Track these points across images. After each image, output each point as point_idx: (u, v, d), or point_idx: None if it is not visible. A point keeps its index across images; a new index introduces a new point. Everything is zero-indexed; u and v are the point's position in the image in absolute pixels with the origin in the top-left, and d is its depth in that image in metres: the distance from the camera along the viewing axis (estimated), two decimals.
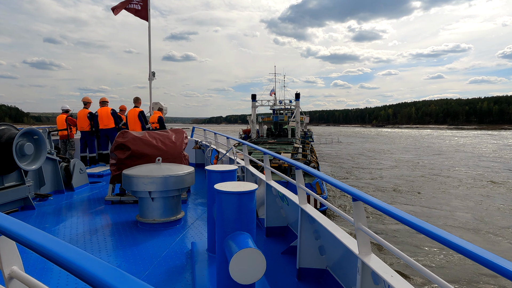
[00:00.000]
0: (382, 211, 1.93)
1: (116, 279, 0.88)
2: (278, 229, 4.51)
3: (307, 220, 3.30)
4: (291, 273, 3.38)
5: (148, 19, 11.02)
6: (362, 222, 2.23)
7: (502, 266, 1.17)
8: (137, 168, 4.83)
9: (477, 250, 1.30)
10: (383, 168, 27.99)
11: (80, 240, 4.24)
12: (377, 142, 62.51)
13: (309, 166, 3.70)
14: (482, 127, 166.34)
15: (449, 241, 1.42)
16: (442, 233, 1.49)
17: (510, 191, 19.03)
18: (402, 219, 1.75)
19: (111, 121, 9.82)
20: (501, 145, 52.69)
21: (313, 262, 3.26)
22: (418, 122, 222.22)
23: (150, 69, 11.41)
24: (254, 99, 35.01)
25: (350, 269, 2.62)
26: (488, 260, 1.22)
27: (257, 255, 2.23)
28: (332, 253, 3.08)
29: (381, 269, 2.06)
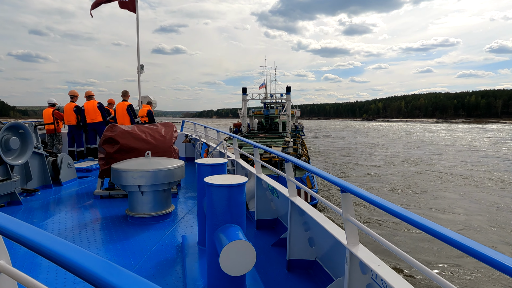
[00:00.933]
0: (370, 202, 1.95)
1: (106, 271, 0.87)
2: (268, 222, 4.54)
3: (296, 213, 3.33)
4: (281, 264, 3.41)
5: (136, 11, 10.83)
6: (350, 213, 2.25)
7: (482, 252, 1.20)
8: (126, 162, 4.79)
9: (460, 238, 1.33)
10: (378, 164, 26.86)
11: (69, 235, 4.20)
12: (369, 136, 62.27)
13: (299, 160, 3.72)
14: (470, 121, 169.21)
15: (433, 229, 1.44)
16: (426, 222, 1.52)
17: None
18: (389, 209, 1.77)
19: (98, 115, 9.68)
20: (494, 139, 52.84)
21: (303, 253, 3.29)
22: (407, 115, 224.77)
23: (139, 62, 11.25)
24: (244, 92, 34.88)
25: (338, 260, 2.66)
26: (469, 247, 1.25)
27: (247, 247, 2.24)
28: (321, 244, 3.11)
29: (369, 258, 2.09)
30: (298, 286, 3.04)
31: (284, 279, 3.17)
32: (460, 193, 16.91)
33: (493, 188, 18.11)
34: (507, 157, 30.78)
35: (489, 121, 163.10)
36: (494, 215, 13.35)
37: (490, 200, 15.66)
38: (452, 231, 1.40)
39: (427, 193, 16.84)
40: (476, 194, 16.67)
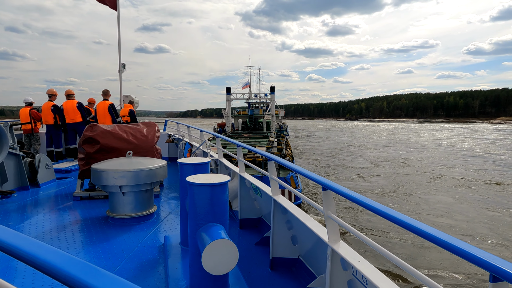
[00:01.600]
0: (351, 199, 1.97)
1: (85, 273, 0.83)
2: (252, 221, 4.53)
3: (280, 211, 3.34)
4: (264, 263, 3.41)
5: (117, 8, 10.63)
6: (331, 210, 2.27)
7: (456, 246, 1.24)
8: (107, 162, 4.69)
9: (436, 232, 1.36)
10: (365, 166, 25.98)
11: (47, 237, 4.08)
12: (354, 136, 62.24)
13: (282, 159, 3.73)
14: (449, 120, 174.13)
15: (410, 224, 1.47)
16: (403, 217, 1.54)
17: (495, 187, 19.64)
18: (369, 206, 1.79)
19: (77, 115, 9.45)
20: (476, 139, 53.37)
21: (286, 251, 3.30)
22: (389, 115, 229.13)
23: (120, 61, 11.04)
24: (228, 92, 34.75)
25: (321, 257, 2.68)
26: (444, 241, 1.29)
27: (230, 246, 2.22)
28: (304, 242, 3.13)
29: (349, 255, 2.11)
30: (281, 284, 3.05)
31: (267, 277, 3.17)
32: (448, 192, 17.23)
33: (479, 186, 18.57)
34: (491, 156, 31.34)
35: (467, 120, 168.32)
36: (475, 211, 13.77)
37: (474, 197, 16.11)
38: (428, 225, 1.43)
39: (414, 193, 17.04)
40: (461, 192, 17.12)
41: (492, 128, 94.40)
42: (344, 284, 2.22)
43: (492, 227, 11.98)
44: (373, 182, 19.67)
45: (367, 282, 1.89)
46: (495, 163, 26.81)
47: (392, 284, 1.77)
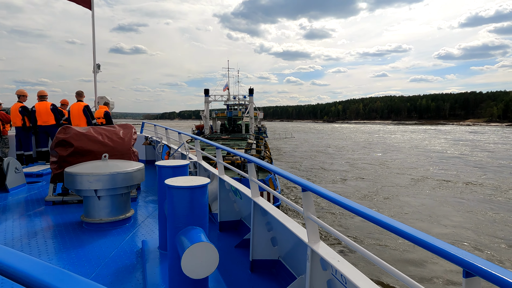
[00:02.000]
0: (330, 200, 2.00)
1: (57, 279, 0.80)
2: (231, 223, 4.51)
3: (259, 213, 3.34)
4: (244, 265, 3.40)
5: (91, 7, 10.35)
6: (311, 211, 2.29)
7: (431, 243, 1.28)
8: (82, 166, 4.55)
9: (412, 231, 1.40)
10: (345, 169, 25.49)
11: (17, 244, 3.90)
12: (333, 138, 62.62)
13: (262, 161, 3.74)
14: (422, 122, 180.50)
15: (388, 223, 1.51)
16: (381, 216, 1.58)
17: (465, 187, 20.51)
18: (347, 206, 1.82)
19: (51, 117, 9.11)
20: (450, 140, 54.81)
21: (266, 253, 3.30)
22: (365, 117, 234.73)
23: (95, 61, 10.75)
24: (207, 94, 34.54)
25: (300, 258, 2.70)
26: (420, 239, 1.33)
27: (210, 249, 2.20)
28: (284, 243, 3.15)
29: (329, 255, 2.13)
30: (261, 286, 3.04)
31: (247, 279, 3.16)
32: (427, 193, 17.65)
33: (457, 187, 19.11)
34: (468, 158, 32.17)
35: (439, 122, 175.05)
36: (454, 211, 14.28)
37: (452, 197, 16.64)
38: (404, 224, 1.47)
39: (395, 194, 17.26)
40: (440, 193, 17.64)
41: (463, 130, 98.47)
42: (323, 284, 2.24)
43: (469, 225, 12.47)
44: (354, 185, 19.61)
45: (346, 281, 1.92)
46: (471, 164, 27.67)
47: (370, 282, 1.81)
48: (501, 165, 27.09)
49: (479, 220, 13.03)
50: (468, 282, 1.19)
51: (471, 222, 12.73)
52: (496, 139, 57.89)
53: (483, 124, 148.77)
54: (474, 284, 1.19)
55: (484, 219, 13.19)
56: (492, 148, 41.98)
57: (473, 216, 13.48)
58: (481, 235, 11.44)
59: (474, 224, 12.50)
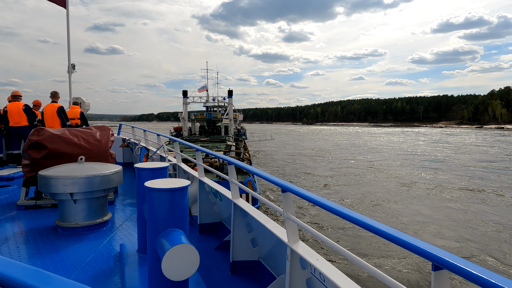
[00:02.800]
0: (309, 200, 2.05)
1: (34, 278, 0.79)
2: (211, 226, 4.51)
3: (240, 214, 3.36)
4: (224, 267, 3.41)
5: (66, 5, 10.07)
6: (290, 212, 2.33)
7: (402, 239, 1.35)
8: (56, 168, 4.42)
9: (385, 228, 1.47)
10: (329, 174, 23.93)
11: None
12: (313, 140, 61.92)
13: (242, 162, 3.76)
14: (397, 125, 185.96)
15: (363, 222, 1.57)
16: (357, 215, 1.64)
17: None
18: (326, 206, 1.88)
19: (23, 118, 8.78)
20: (429, 142, 55.26)
21: (246, 254, 3.33)
22: (343, 119, 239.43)
23: (69, 61, 10.47)
24: (185, 95, 34.13)
25: (280, 258, 2.74)
26: (392, 235, 1.41)
27: (190, 251, 2.20)
28: (264, 244, 3.18)
29: (308, 254, 2.18)
30: (242, 287, 3.06)
31: (227, 281, 3.17)
32: (412, 196, 17.54)
33: (441, 189, 19.40)
34: (449, 160, 31.79)
35: (413, 124, 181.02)
36: (437, 212, 14.76)
37: (436, 200, 16.69)
38: (378, 222, 1.54)
39: (382, 199, 16.76)
40: (424, 195, 17.79)
41: (439, 132, 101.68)
42: (303, 283, 2.29)
43: (448, 224, 12.93)
44: (338, 189, 18.92)
45: (324, 279, 1.97)
46: (454, 166, 27.43)
47: (347, 279, 1.87)
48: (488, 167, 27.19)
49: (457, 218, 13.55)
50: (436, 275, 1.26)
51: (456, 225, 13.01)
52: (473, 140, 59.02)
53: (454, 126, 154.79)
54: (442, 276, 1.26)
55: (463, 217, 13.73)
56: (473, 149, 42.61)
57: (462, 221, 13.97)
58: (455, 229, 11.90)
59: (457, 226, 12.88)
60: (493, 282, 1.01)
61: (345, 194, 17.91)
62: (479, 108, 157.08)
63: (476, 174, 23.98)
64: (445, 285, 1.27)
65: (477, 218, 13.49)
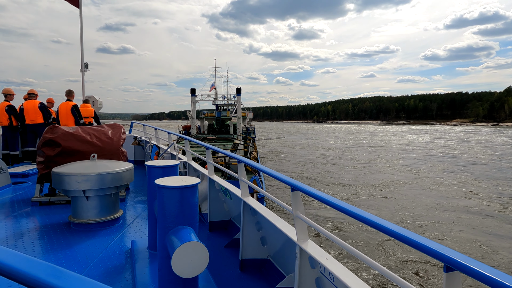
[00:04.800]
0: (319, 199, 2.03)
1: (48, 274, 0.80)
2: (221, 223, 4.53)
3: (249, 213, 3.36)
4: (234, 265, 3.42)
5: (79, 5, 10.22)
6: (300, 210, 2.32)
7: (414, 240, 1.33)
8: (70, 166, 4.50)
9: (398, 229, 1.44)
10: (359, 181, 19.91)
11: (2, 245, 3.84)
12: (329, 139, 56.56)
13: (251, 160, 3.76)
14: (410, 122, 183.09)
15: (375, 222, 1.55)
16: (369, 216, 1.62)
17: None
18: (336, 205, 1.86)
19: (39, 116, 8.97)
20: (458, 141, 50.15)
21: (255, 252, 3.33)
22: (354, 117, 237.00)
23: (83, 60, 10.63)
24: (193, 93, 34.02)
25: (289, 256, 2.73)
26: (404, 236, 1.39)
27: (200, 248, 2.21)
28: (273, 242, 3.17)
29: (317, 253, 2.17)
30: (251, 285, 3.07)
31: (237, 279, 3.18)
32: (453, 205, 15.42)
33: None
34: (496, 163, 27.80)
35: (426, 122, 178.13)
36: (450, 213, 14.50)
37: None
38: (390, 222, 1.52)
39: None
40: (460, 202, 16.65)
41: (461, 130, 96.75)
42: (312, 281, 2.27)
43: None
44: (372, 203, 15.53)
45: (333, 279, 1.95)
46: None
47: (357, 279, 1.85)
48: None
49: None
50: (448, 276, 1.24)
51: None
52: (508, 140, 53.51)
53: (469, 124, 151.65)
54: (455, 278, 1.24)
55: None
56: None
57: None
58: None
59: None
60: (507, 285, 0.99)
61: (381, 208, 14.71)
62: (495, 105, 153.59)
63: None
64: (457, 286, 1.24)
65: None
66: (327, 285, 2.10)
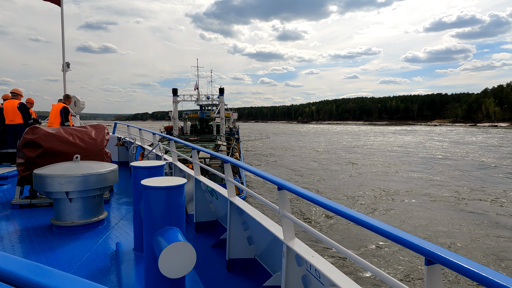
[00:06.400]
0: (305, 197, 2.07)
1: (38, 274, 0.80)
2: (207, 224, 4.52)
3: (236, 212, 3.38)
4: (221, 265, 3.43)
5: (60, 3, 9.99)
6: (286, 209, 2.36)
7: (396, 235, 1.39)
8: (52, 167, 4.41)
9: (380, 224, 1.50)
10: (359, 188, 18.77)
11: None
12: (317, 141, 55.24)
13: (237, 160, 3.77)
14: (392, 123, 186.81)
15: (358, 218, 1.60)
16: (353, 212, 1.67)
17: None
18: (322, 203, 1.90)
19: (17, 116, 8.74)
20: (450, 143, 49.83)
21: (242, 252, 3.35)
22: (338, 118, 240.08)
23: (64, 59, 10.40)
24: (175, 93, 33.56)
25: (276, 255, 2.76)
26: (387, 231, 1.44)
27: (187, 248, 2.22)
28: (260, 242, 3.20)
29: (304, 251, 2.21)
30: (238, 284, 3.09)
31: (224, 278, 3.19)
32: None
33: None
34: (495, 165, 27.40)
35: (408, 123, 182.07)
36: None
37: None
38: (373, 218, 1.57)
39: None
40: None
41: (448, 130, 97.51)
42: (298, 279, 2.31)
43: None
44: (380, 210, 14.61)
45: (320, 276, 2.00)
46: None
47: (342, 275, 1.90)
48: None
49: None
50: (429, 269, 1.30)
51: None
52: (494, 141, 53.09)
53: (448, 124, 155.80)
54: (435, 271, 1.30)
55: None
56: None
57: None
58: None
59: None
60: (483, 275, 1.04)
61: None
62: (473, 107, 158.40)
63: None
64: (437, 279, 1.30)
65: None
66: (313, 282, 2.14)
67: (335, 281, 1.84)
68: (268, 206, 2.64)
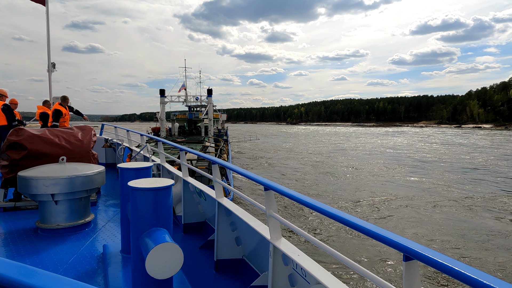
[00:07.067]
0: (291, 198, 2.11)
1: (23, 274, 0.80)
2: (195, 225, 4.53)
3: (224, 213, 3.40)
4: (209, 265, 3.44)
5: (45, 2, 9.84)
6: (273, 209, 2.39)
7: (375, 232, 1.44)
8: (37, 169, 4.35)
9: (361, 222, 1.55)
10: (358, 192, 18.00)
11: None
12: (309, 143, 54.27)
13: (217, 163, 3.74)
14: (380, 124, 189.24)
15: (340, 216, 1.65)
16: (336, 211, 1.71)
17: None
18: (307, 203, 1.94)
19: (1, 118, 8.57)
20: (442, 144, 49.41)
21: (230, 253, 3.37)
22: (327, 119, 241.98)
23: (49, 59, 10.24)
24: (162, 94, 33.21)
25: (264, 255, 2.79)
26: (367, 229, 1.49)
27: (174, 249, 2.23)
28: (248, 242, 3.23)
29: (290, 250, 2.25)
30: (226, 285, 3.11)
31: (212, 279, 3.21)
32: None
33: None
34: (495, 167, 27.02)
35: (395, 124, 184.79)
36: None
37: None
38: (355, 216, 1.62)
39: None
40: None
41: (435, 131, 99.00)
42: (285, 278, 2.35)
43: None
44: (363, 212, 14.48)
45: (305, 274, 2.04)
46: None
47: (327, 274, 1.94)
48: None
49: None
50: (407, 265, 1.35)
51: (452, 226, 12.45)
52: (485, 142, 53.06)
53: (434, 126, 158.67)
54: (413, 266, 1.35)
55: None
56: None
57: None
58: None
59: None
60: (457, 270, 1.10)
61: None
62: (458, 108, 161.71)
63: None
64: (415, 274, 1.35)
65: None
66: (299, 281, 2.18)
67: (320, 279, 1.88)
68: (256, 207, 2.67)
